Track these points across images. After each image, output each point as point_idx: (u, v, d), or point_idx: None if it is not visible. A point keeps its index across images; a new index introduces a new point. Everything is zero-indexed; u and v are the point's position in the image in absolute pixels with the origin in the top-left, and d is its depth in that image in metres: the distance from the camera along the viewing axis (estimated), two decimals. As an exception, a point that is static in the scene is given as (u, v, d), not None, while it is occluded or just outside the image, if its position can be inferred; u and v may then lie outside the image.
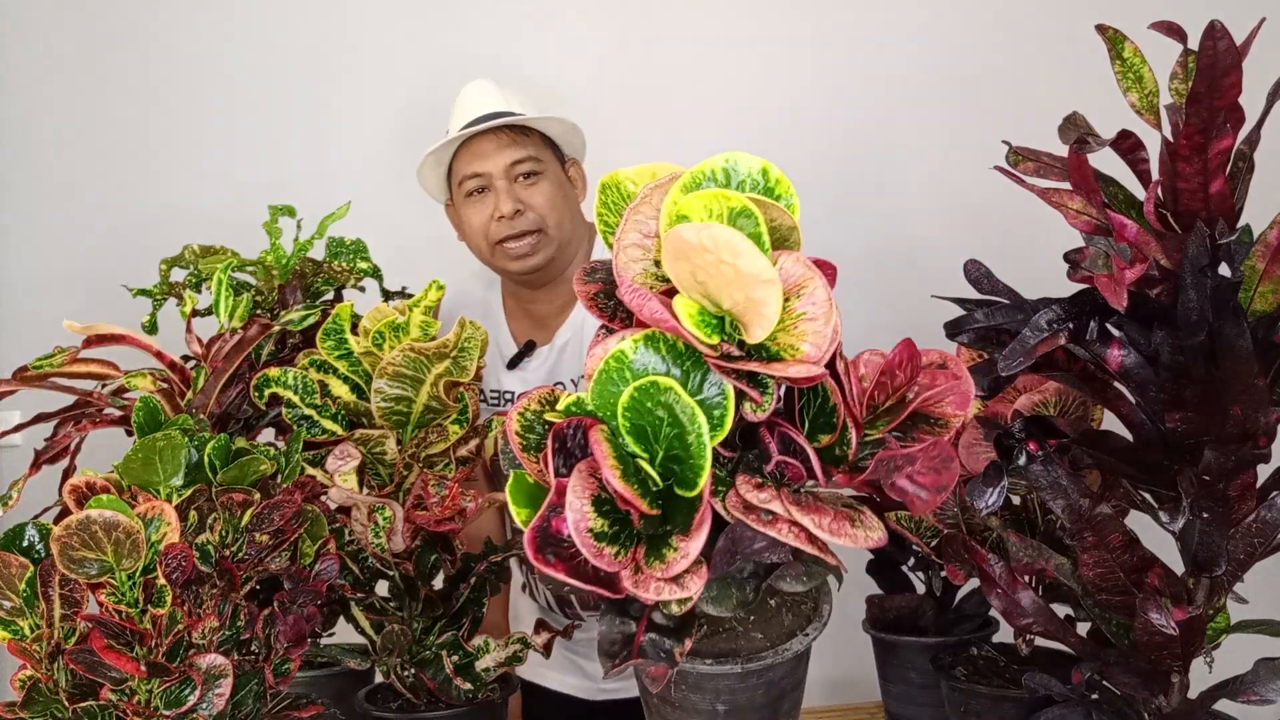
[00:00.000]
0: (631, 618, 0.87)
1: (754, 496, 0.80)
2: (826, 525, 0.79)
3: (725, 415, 0.80)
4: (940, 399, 0.86)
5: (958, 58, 2.33)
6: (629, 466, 0.80)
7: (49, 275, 2.21)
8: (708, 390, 0.81)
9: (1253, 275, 0.87)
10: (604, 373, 0.82)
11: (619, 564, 0.78)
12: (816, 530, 0.78)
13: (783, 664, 0.90)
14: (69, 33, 2.24)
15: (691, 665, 0.88)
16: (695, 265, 0.79)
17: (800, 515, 0.79)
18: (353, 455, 1.13)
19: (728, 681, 0.89)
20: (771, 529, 0.79)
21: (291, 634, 0.97)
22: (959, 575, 1.12)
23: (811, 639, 0.91)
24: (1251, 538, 0.88)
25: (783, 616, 0.93)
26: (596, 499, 0.79)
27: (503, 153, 1.66)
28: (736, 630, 0.92)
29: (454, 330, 1.16)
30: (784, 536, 0.79)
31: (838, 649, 2.09)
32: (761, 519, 0.80)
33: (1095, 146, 0.88)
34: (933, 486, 0.82)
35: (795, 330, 0.79)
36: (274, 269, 1.36)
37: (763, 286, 0.77)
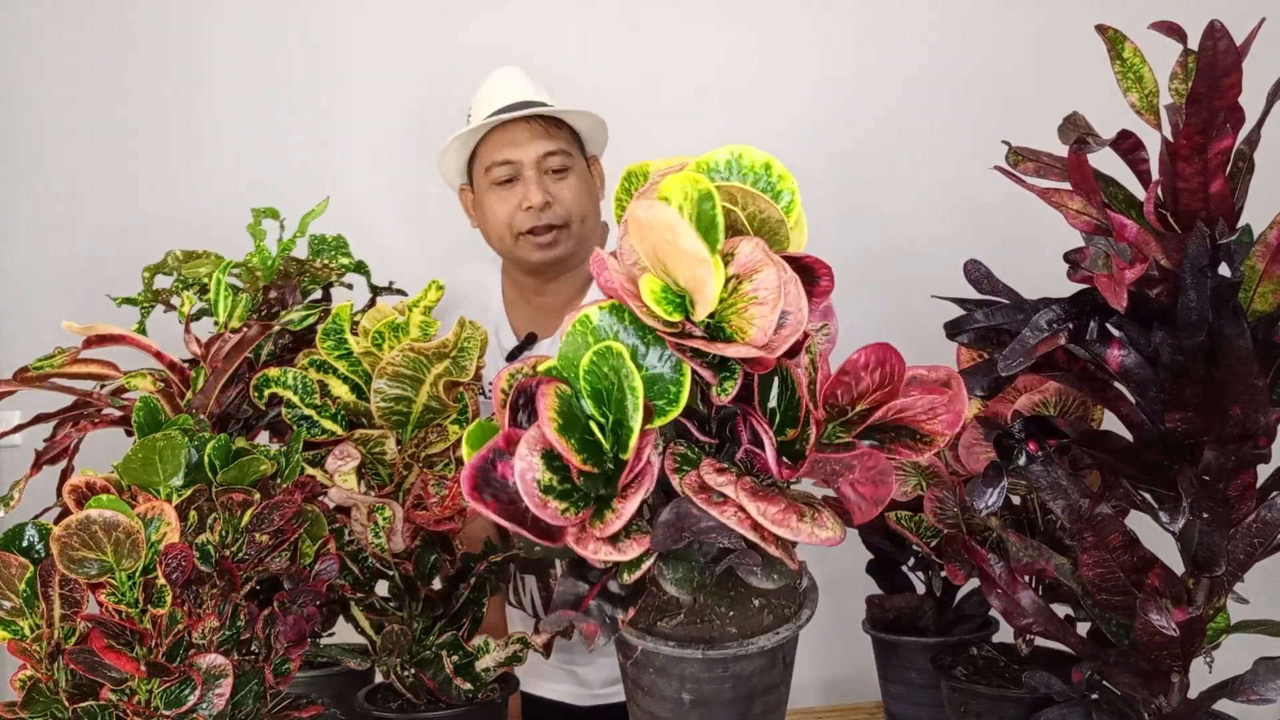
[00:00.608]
0: (588, 582, 0.88)
1: (712, 479, 0.81)
2: (771, 515, 0.79)
3: (680, 392, 0.81)
4: (930, 415, 0.85)
5: (958, 58, 2.33)
6: (576, 425, 0.81)
7: (49, 275, 2.21)
8: (664, 364, 0.83)
9: (1253, 275, 0.87)
10: (569, 336, 0.85)
11: (565, 520, 0.79)
12: (758, 516, 0.79)
13: (749, 658, 0.89)
14: (67, 33, 2.24)
15: (656, 646, 0.89)
16: (654, 243, 0.81)
17: (747, 500, 0.79)
18: (353, 455, 1.13)
19: (692, 669, 0.89)
20: (716, 510, 0.80)
21: (291, 634, 0.97)
22: (959, 575, 1.12)
23: (783, 638, 0.90)
24: (1251, 538, 0.88)
25: (763, 616, 0.93)
26: (548, 453, 0.80)
27: (536, 143, 1.65)
28: (713, 623, 0.92)
29: (453, 330, 1.16)
30: (727, 519, 0.80)
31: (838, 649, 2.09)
32: (711, 500, 0.80)
33: (1095, 146, 0.88)
34: (870, 498, 0.82)
35: (745, 313, 0.80)
36: (258, 271, 1.36)
37: (700, 265, 0.78)
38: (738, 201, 0.84)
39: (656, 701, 0.92)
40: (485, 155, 1.68)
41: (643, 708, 0.94)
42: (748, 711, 0.92)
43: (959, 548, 1.08)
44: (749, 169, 0.87)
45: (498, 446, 0.82)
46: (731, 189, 0.84)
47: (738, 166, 0.87)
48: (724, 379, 0.82)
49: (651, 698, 0.92)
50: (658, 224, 0.80)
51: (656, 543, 0.81)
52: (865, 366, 0.84)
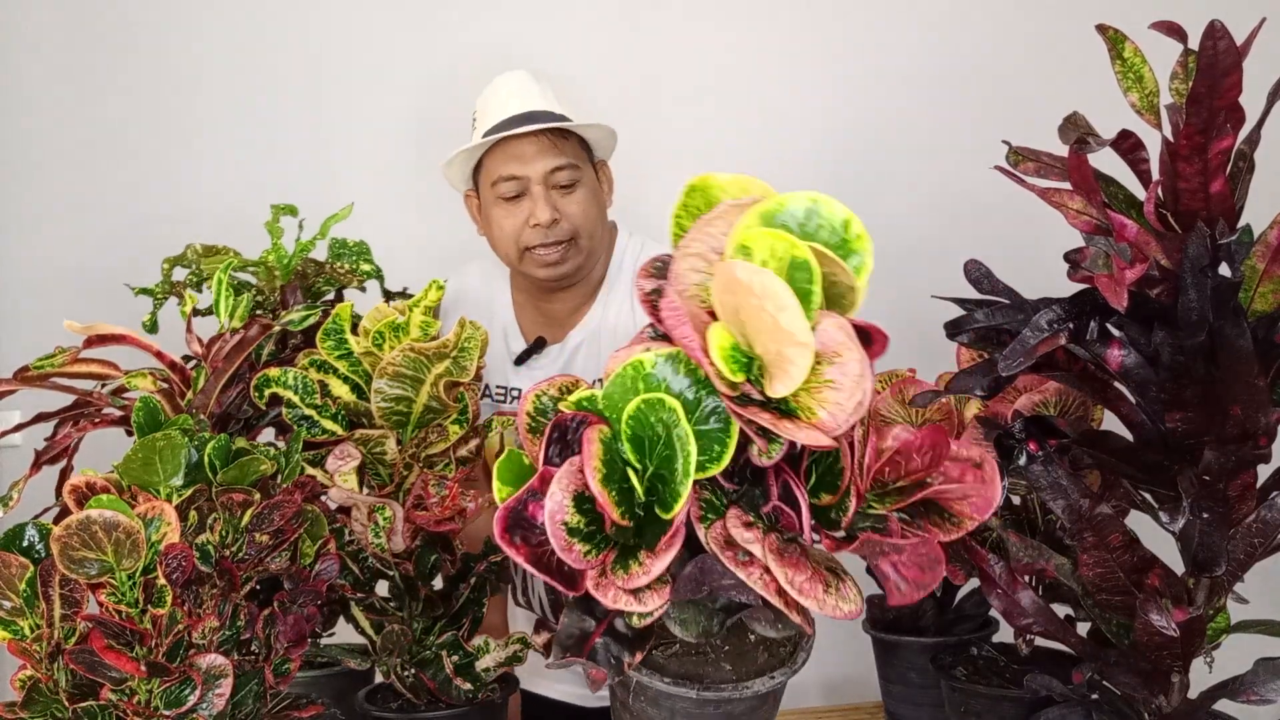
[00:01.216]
0: (594, 618, 0.87)
1: (739, 534, 0.79)
2: (799, 584, 0.77)
3: (725, 451, 0.79)
4: (961, 496, 0.84)
5: (958, 58, 2.33)
6: (615, 473, 0.80)
7: (49, 275, 2.21)
8: (714, 421, 0.80)
9: (1253, 275, 0.87)
10: (620, 377, 0.82)
11: (587, 563, 0.78)
12: (786, 585, 0.77)
13: (742, 700, 0.88)
14: (69, 32, 2.24)
15: (650, 680, 0.87)
16: (740, 303, 0.78)
17: (776, 565, 0.77)
18: (353, 455, 1.13)
19: (684, 704, 0.88)
20: (743, 571, 0.78)
21: (291, 634, 0.97)
22: (959, 575, 1.12)
23: (777, 683, 0.90)
24: (1251, 538, 0.88)
25: (758, 654, 0.92)
26: (579, 496, 0.79)
27: (543, 158, 1.61)
28: (708, 656, 0.91)
29: (454, 330, 1.16)
30: (753, 582, 0.78)
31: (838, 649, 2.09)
32: (738, 559, 0.79)
33: (1095, 146, 0.88)
34: (914, 582, 0.81)
35: (818, 395, 0.77)
36: (275, 269, 1.36)
37: (796, 347, 0.75)
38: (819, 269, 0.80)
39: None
40: (491, 168, 1.64)
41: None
42: None
43: (959, 548, 1.08)
44: (826, 223, 0.82)
45: (533, 488, 0.80)
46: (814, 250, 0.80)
47: (816, 218, 0.82)
48: (771, 444, 0.79)
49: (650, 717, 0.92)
50: (760, 292, 0.75)
51: (677, 595, 0.81)
52: (919, 449, 0.83)
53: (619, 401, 0.81)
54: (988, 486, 0.84)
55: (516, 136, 1.61)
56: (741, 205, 0.83)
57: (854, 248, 0.82)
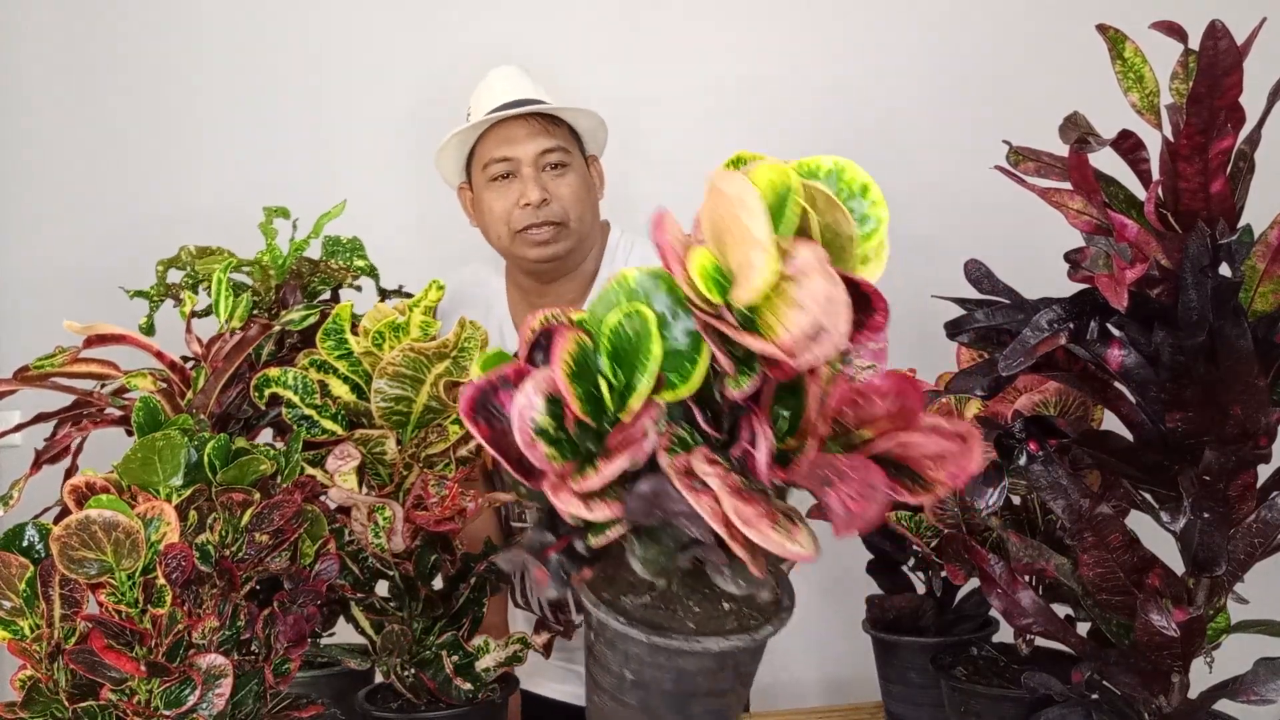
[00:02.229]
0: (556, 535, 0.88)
1: (700, 466, 0.80)
2: (745, 515, 0.77)
3: (694, 370, 0.80)
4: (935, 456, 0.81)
5: (958, 58, 2.33)
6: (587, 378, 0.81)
7: (49, 275, 2.21)
8: (686, 339, 0.82)
9: (1253, 275, 0.87)
10: (604, 293, 0.84)
11: (549, 465, 0.79)
12: (731, 514, 0.76)
13: (695, 656, 0.87)
14: (68, 32, 2.24)
15: (606, 618, 0.88)
16: (718, 213, 0.79)
17: (725, 496, 0.77)
18: (353, 455, 1.13)
19: (636, 649, 0.88)
20: (693, 495, 0.78)
21: (291, 634, 0.97)
22: (959, 575, 1.12)
23: (732, 645, 0.88)
24: (1252, 538, 0.88)
25: (726, 620, 0.92)
26: (551, 398, 0.80)
27: (534, 140, 1.65)
28: (676, 614, 0.91)
29: (454, 330, 1.16)
30: (701, 507, 0.78)
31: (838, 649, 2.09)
32: (691, 485, 0.79)
33: (1096, 146, 0.88)
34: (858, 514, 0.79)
35: (782, 314, 0.78)
36: (270, 269, 1.36)
37: (756, 249, 0.76)
38: (817, 205, 0.82)
39: (603, 672, 0.92)
40: (483, 152, 1.68)
41: (593, 675, 0.95)
42: (685, 709, 0.90)
43: (959, 548, 1.08)
44: (847, 185, 0.84)
45: (505, 375, 0.82)
46: (815, 191, 0.81)
47: (837, 179, 0.84)
48: (741, 374, 0.80)
49: (600, 666, 0.93)
50: (731, 197, 0.77)
51: (628, 512, 0.81)
52: (881, 392, 0.82)
53: (602, 315, 0.83)
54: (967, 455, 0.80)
55: (507, 120, 1.65)
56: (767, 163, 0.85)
57: (869, 213, 0.84)
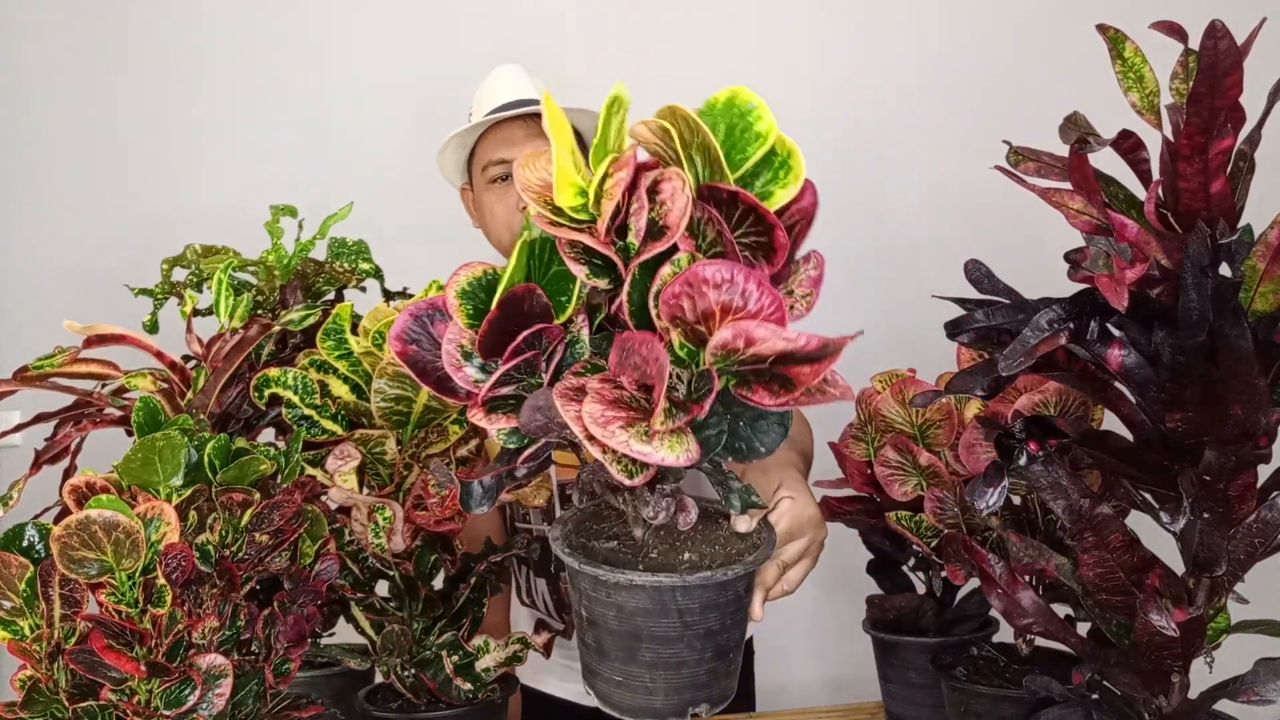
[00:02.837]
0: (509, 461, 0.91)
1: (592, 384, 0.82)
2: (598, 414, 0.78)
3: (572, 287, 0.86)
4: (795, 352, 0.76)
5: (958, 58, 2.33)
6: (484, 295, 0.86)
7: (49, 275, 2.21)
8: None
9: (1253, 275, 0.87)
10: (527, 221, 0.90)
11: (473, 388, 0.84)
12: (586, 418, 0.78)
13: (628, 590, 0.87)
14: (69, 32, 2.24)
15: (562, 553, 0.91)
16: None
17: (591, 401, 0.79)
18: (353, 455, 1.13)
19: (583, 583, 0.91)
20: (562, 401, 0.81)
21: (291, 634, 0.97)
22: (959, 575, 1.12)
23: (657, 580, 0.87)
24: (1252, 538, 0.87)
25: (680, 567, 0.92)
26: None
27: (532, 141, 1.64)
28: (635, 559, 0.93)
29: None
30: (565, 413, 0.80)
31: (838, 649, 2.09)
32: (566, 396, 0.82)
33: (1096, 146, 0.87)
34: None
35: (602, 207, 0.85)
36: (275, 269, 1.36)
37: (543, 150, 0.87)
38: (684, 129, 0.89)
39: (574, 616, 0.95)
40: (483, 154, 1.68)
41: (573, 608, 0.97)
42: (635, 651, 0.90)
43: (959, 548, 1.08)
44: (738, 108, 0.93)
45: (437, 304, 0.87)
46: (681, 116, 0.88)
47: (730, 106, 0.93)
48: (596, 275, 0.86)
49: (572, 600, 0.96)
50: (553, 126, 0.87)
51: (523, 424, 0.84)
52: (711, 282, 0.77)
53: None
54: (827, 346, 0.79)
55: (506, 121, 1.64)
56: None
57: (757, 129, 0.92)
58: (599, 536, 0.96)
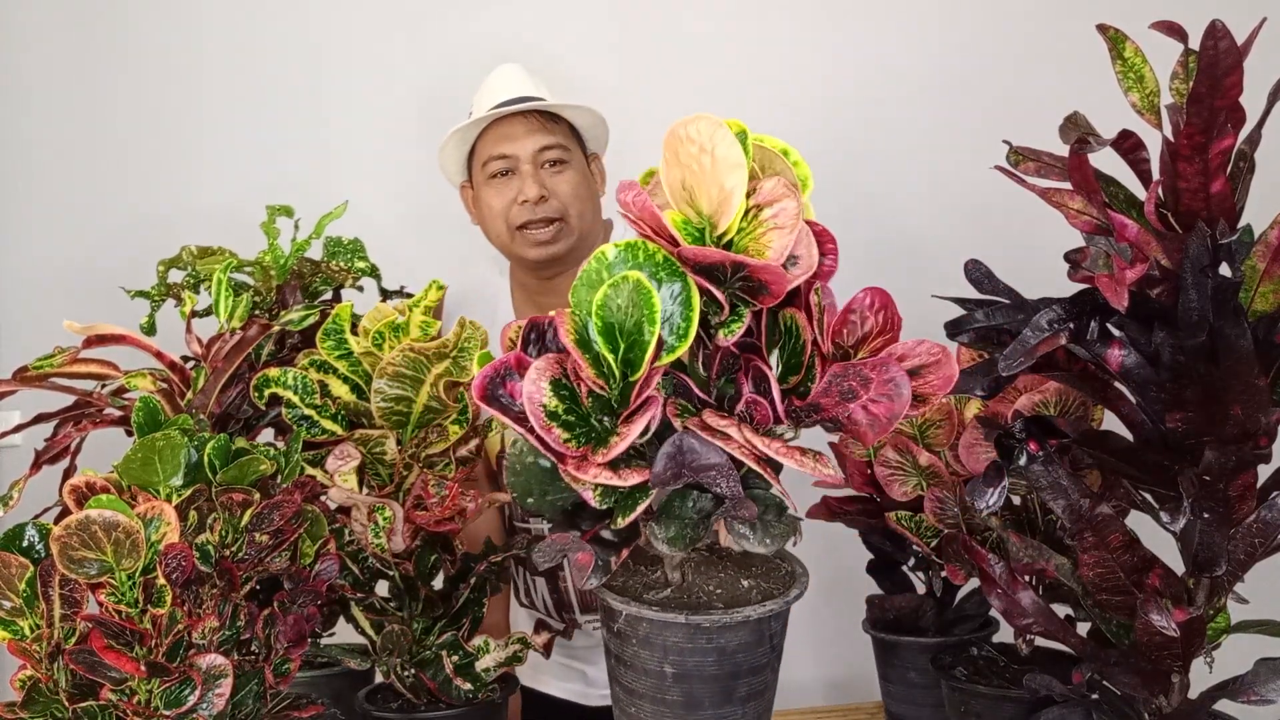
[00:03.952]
0: (580, 530, 0.89)
1: (714, 421, 0.82)
2: (775, 449, 0.80)
3: (689, 326, 0.82)
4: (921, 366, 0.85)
5: (958, 58, 2.33)
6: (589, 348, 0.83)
7: (49, 275, 2.21)
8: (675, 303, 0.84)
9: (1253, 275, 0.87)
10: (584, 273, 0.86)
11: (566, 449, 0.81)
12: (764, 448, 0.80)
13: (734, 630, 0.88)
14: (67, 33, 2.24)
15: (640, 611, 0.89)
16: (683, 164, 0.84)
17: (752, 435, 0.81)
18: (353, 455, 1.13)
19: (675, 637, 0.88)
20: (721, 440, 0.81)
21: (291, 634, 0.97)
22: (959, 575, 1.12)
23: (769, 609, 0.89)
24: (1252, 538, 0.88)
25: (751, 597, 0.93)
26: (556, 381, 0.82)
27: (532, 137, 1.65)
28: (701, 600, 0.92)
29: (454, 330, 1.16)
30: (732, 449, 0.81)
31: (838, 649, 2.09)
32: (715, 435, 0.82)
33: (1096, 146, 0.87)
34: (884, 416, 0.82)
35: (762, 239, 0.83)
36: (271, 269, 1.36)
37: (733, 172, 0.81)
38: (758, 163, 0.87)
39: (638, 676, 0.91)
40: (483, 150, 1.69)
41: (624, 685, 0.93)
42: (732, 690, 0.90)
43: (959, 548, 1.08)
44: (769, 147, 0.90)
45: (508, 364, 0.83)
46: (756, 145, 0.87)
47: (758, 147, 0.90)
48: (732, 320, 0.84)
49: (634, 672, 0.91)
50: (696, 136, 0.82)
51: (656, 475, 0.81)
52: (870, 306, 0.86)
53: (586, 295, 0.85)
54: (945, 365, 0.85)
55: (507, 117, 1.66)
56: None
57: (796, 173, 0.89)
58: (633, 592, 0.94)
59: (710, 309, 0.85)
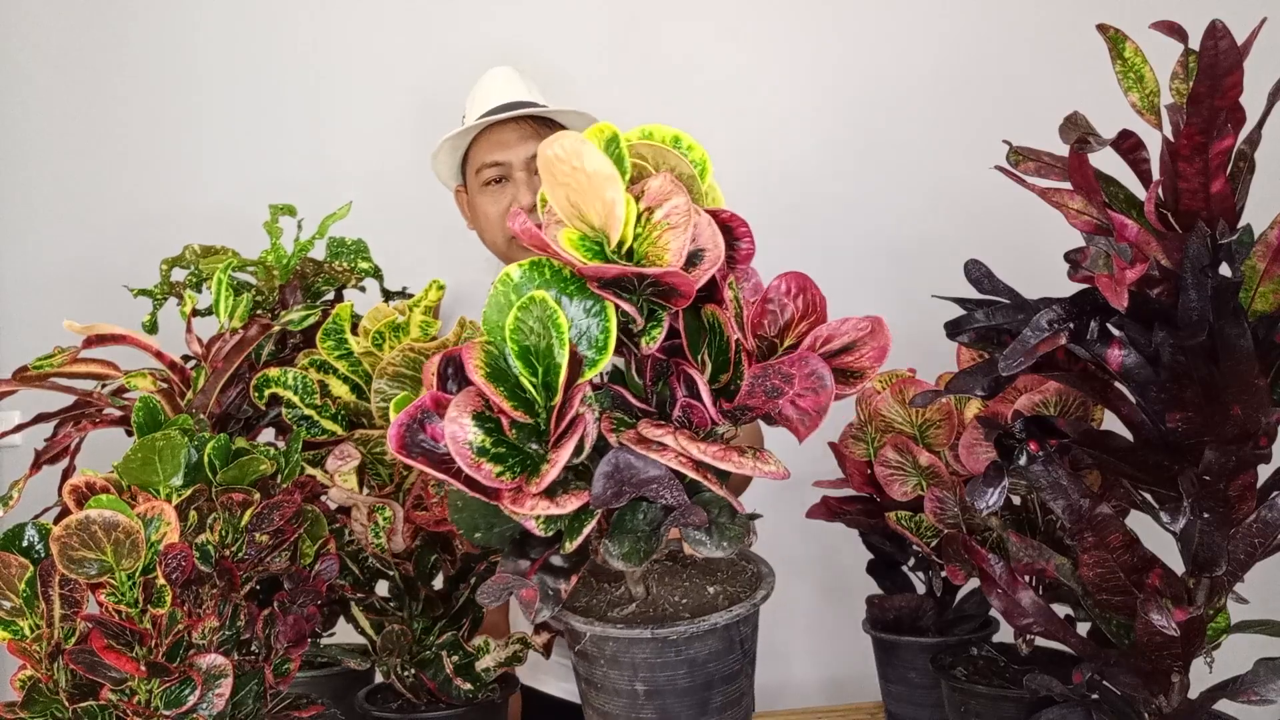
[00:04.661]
0: (530, 559, 0.86)
1: (650, 432, 0.80)
2: (712, 453, 0.78)
3: (607, 337, 0.80)
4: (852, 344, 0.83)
5: (958, 58, 2.33)
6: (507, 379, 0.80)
7: (49, 275, 2.21)
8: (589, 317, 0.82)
9: (1253, 275, 0.87)
10: (492, 298, 0.83)
11: (500, 483, 0.77)
12: (700, 455, 0.78)
13: (702, 639, 0.86)
14: (68, 32, 2.24)
15: (605, 630, 0.87)
16: (563, 183, 0.81)
17: (687, 443, 0.78)
18: (353, 455, 1.13)
19: (644, 653, 0.86)
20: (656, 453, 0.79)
21: (291, 634, 0.97)
22: (959, 575, 1.12)
23: (735, 615, 0.88)
24: (1252, 538, 0.87)
25: (719, 603, 0.92)
26: (478, 414, 0.79)
27: (525, 144, 1.65)
28: (666, 612, 0.91)
29: (453, 330, 1.16)
30: (668, 461, 0.78)
31: (838, 649, 2.09)
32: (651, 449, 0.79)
33: (1096, 146, 0.87)
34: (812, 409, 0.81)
35: (659, 241, 0.80)
36: (274, 269, 1.36)
37: (608, 185, 0.78)
38: (648, 160, 0.85)
39: (610, 698, 0.89)
40: (476, 157, 1.69)
41: (597, 708, 0.91)
42: (707, 701, 0.88)
43: (959, 548, 1.08)
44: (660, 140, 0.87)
45: (425, 407, 0.79)
46: (641, 148, 0.85)
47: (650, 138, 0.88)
48: (651, 327, 0.82)
49: (605, 694, 0.90)
50: (564, 154, 0.79)
51: (596, 497, 0.79)
52: (788, 293, 0.84)
53: (497, 320, 0.82)
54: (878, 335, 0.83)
55: (499, 124, 1.66)
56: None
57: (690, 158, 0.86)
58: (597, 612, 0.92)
59: (628, 318, 0.83)
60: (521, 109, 1.66)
